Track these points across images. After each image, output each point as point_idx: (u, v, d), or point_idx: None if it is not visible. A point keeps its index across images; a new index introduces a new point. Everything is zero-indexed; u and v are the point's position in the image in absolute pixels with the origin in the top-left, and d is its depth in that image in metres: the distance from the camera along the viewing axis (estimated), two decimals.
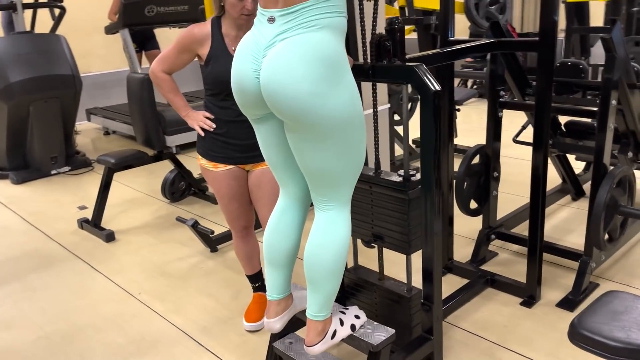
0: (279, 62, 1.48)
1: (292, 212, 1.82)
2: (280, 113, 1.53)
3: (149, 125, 3.63)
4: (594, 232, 2.39)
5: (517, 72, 2.77)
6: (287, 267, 1.85)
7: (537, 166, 2.38)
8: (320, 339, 1.75)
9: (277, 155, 1.73)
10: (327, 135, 1.53)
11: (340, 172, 1.62)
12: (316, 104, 1.47)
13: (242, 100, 1.65)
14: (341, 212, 1.69)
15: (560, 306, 2.48)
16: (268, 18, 1.54)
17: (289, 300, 1.89)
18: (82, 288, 2.96)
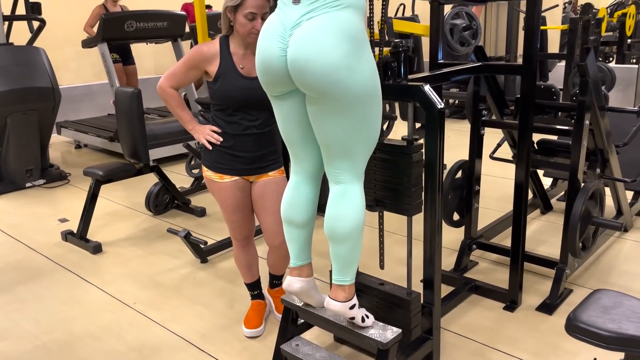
0: (307, 38, 1.61)
1: (306, 187, 1.95)
2: (306, 86, 1.65)
3: (136, 138, 3.67)
4: (571, 241, 2.60)
5: (496, 93, 2.98)
6: (305, 235, 1.99)
7: (520, 180, 2.58)
8: (342, 300, 1.87)
9: (296, 131, 1.85)
10: (348, 107, 1.66)
11: (356, 144, 1.75)
12: (342, 77, 1.61)
13: (266, 78, 1.77)
14: (355, 185, 1.82)
15: (540, 310, 2.67)
16: (292, 0, 1.67)
17: (309, 269, 2.02)
18: (74, 299, 2.96)
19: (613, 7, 9.51)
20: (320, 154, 1.88)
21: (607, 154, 2.95)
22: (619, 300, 1.66)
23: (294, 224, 1.98)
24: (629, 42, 7.65)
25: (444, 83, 2.67)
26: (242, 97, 2.25)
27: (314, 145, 1.87)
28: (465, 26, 4.39)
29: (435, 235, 2.03)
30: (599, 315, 1.59)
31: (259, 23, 2.18)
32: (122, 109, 3.68)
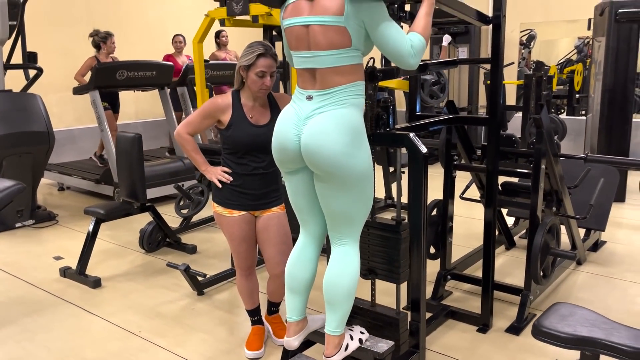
0: (318, 129, 1.98)
1: (311, 248, 2.27)
2: (316, 167, 2.01)
3: (135, 179, 3.94)
4: (533, 270, 2.98)
5: (465, 141, 3.42)
6: (305, 294, 2.28)
7: (489, 219, 2.97)
8: (337, 351, 2.16)
9: (304, 200, 2.19)
10: (349, 185, 2.02)
11: (355, 214, 2.10)
12: (345, 161, 1.97)
13: (281, 157, 2.12)
14: (353, 247, 2.16)
15: (508, 331, 3.02)
16: (306, 97, 2.05)
17: (305, 322, 2.29)
18: (81, 329, 3.15)
19: (563, 64, 10.38)
20: (323, 220, 2.23)
21: (561, 194, 3.39)
22: (573, 310, 2.03)
23: (297, 280, 2.28)
24: (577, 97, 8.42)
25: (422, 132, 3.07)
26: (251, 142, 2.59)
27: (319, 213, 2.22)
28: (434, 81, 4.91)
29: (421, 265, 2.37)
30: (558, 322, 1.95)
31: (267, 80, 2.55)
32: (123, 152, 3.96)
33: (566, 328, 1.91)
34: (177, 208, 4.80)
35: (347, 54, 2.00)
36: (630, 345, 1.79)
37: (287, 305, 2.29)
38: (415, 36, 2.02)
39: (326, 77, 2.01)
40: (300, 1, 2.05)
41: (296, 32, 2.06)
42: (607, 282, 3.66)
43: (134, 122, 8.29)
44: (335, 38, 1.98)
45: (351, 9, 1.96)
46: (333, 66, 1.99)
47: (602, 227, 4.00)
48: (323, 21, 1.98)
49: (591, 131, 5.83)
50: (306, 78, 2.07)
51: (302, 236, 2.29)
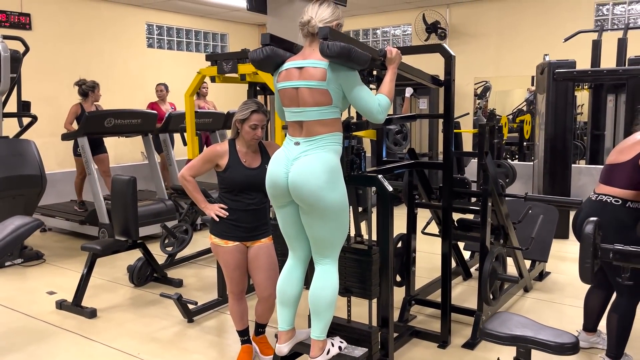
0: (303, 169, 2.47)
1: (298, 269, 2.72)
2: (301, 200, 2.49)
3: (129, 218, 4.32)
4: (483, 292, 3.49)
5: (425, 182, 3.96)
6: (294, 307, 2.72)
7: (445, 250, 3.49)
8: (320, 353, 2.59)
9: (292, 229, 2.66)
10: (328, 215, 2.51)
11: (334, 239, 2.58)
12: (325, 195, 2.46)
13: (273, 192, 2.59)
14: (333, 266, 2.63)
15: (464, 347, 3.49)
16: (294, 142, 2.55)
17: (293, 332, 2.72)
18: (84, 353, 3.47)
19: (515, 113, 11.28)
20: (308, 246, 2.70)
21: (507, 229, 3.95)
22: (510, 317, 2.52)
23: (287, 295, 2.74)
24: (525, 144, 9.22)
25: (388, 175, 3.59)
26: (244, 182, 3.06)
27: (305, 239, 2.70)
28: (397, 130, 5.52)
29: (389, 284, 2.84)
30: (498, 325, 2.44)
31: (259, 131, 3.05)
32: (118, 193, 4.35)
33: (504, 329, 2.39)
34: (162, 246, 5.17)
35: (328, 110, 2.52)
36: (553, 340, 2.29)
37: (279, 317, 2.72)
38: (383, 97, 2.56)
39: (311, 128, 2.52)
40: (291, 69, 2.57)
41: (288, 93, 2.58)
42: (549, 306, 4.19)
43: (113, 166, 8.58)
44: (319, 98, 2.50)
45: (332, 76, 2.49)
46: (317, 119, 2.50)
47: (545, 259, 4.57)
48: (310, 85, 2.51)
49: (537, 175, 6.52)
50: (295, 128, 2.58)
51: (291, 259, 2.74)
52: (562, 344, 2.27)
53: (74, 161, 6.73)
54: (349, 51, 2.38)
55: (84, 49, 8.19)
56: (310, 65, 2.51)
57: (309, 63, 2.52)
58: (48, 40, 7.70)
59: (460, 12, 9.08)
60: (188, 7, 9.13)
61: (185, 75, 8.93)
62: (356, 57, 2.42)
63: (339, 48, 2.37)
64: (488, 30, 8.91)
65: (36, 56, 7.66)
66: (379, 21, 9.98)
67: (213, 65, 4.16)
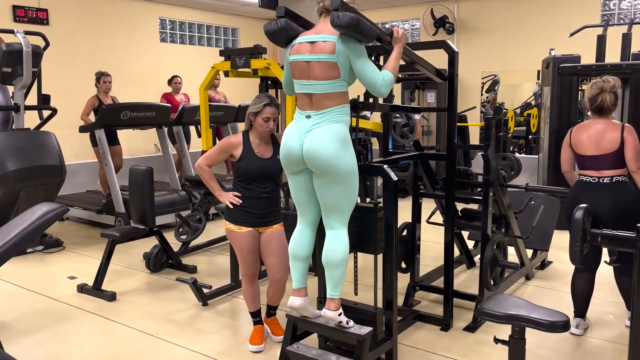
0: (316, 139, 2.67)
1: (308, 232, 2.94)
2: (315, 167, 2.69)
3: (146, 207, 4.53)
4: (484, 278, 3.65)
5: (429, 173, 4.12)
6: (304, 266, 2.96)
7: (448, 239, 3.65)
8: (334, 309, 2.80)
9: (304, 194, 2.87)
10: (341, 180, 2.70)
11: (345, 204, 2.78)
12: (337, 163, 2.66)
13: (288, 161, 2.80)
14: (343, 229, 2.82)
15: (466, 330, 3.66)
16: (305, 116, 2.74)
17: (305, 291, 2.94)
18: (106, 332, 3.68)
19: (523, 107, 11.37)
20: (318, 210, 2.88)
21: (508, 218, 4.11)
22: (506, 298, 2.69)
23: (298, 257, 2.94)
24: (530, 137, 9.32)
25: (393, 165, 3.75)
26: (257, 171, 3.24)
27: (315, 204, 2.88)
28: (404, 123, 5.66)
29: (393, 269, 3.02)
30: (494, 305, 2.61)
31: (271, 123, 3.23)
32: (136, 182, 4.56)
33: (500, 309, 2.56)
34: (176, 234, 5.37)
35: (337, 84, 2.70)
36: (545, 319, 2.45)
37: (292, 275, 2.95)
38: (387, 73, 2.74)
39: (320, 101, 2.71)
40: (303, 43, 2.75)
41: (300, 66, 2.76)
42: (549, 293, 4.35)
43: (126, 157, 8.84)
44: (329, 71, 2.68)
45: (340, 48, 2.66)
46: (326, 92, 2.69)
47: (546, 248, 4.72)
48: (320, 58, 2.69)
49: (542, 168, 6.65)
50: (305, 101, 2.76)
51: (300, 223, 2.96)
52: (554, 322, 2.43)
53: (88, 153, 6.95)
54: (357, 22, 2.56)
55: (99, 43, 8.39)
56: (321, 40, 2.69)
57: (320, 37, 2.70)
58: (65, 35, 7.90)
59: (468, 6, 9.18)
60: (200, 2, 9.31)
61: (197, 68, 9.16)
62: (364, 29, 2.59)
63: (349, 18, 2.54)
64: (495, 24, 9.01)
65: (53, 50, 7.87)
66: (387, 15, 10.11)
67: (226, 60, 4.34)
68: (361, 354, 2.80)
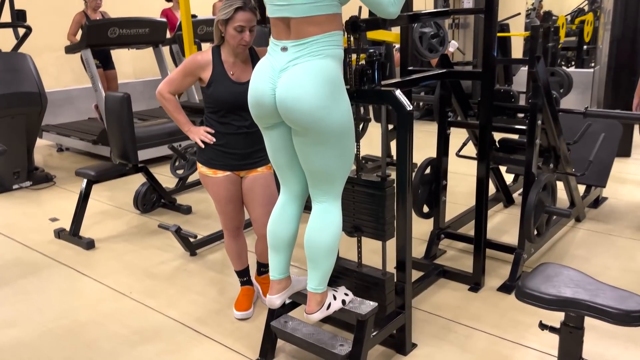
0: (293, 82, 1.88)
1: (292, 206, 2.21)
2: (292, 122, 1.93)
3: (126, 140, 3.88)
4: (526, 228, 2.92)
5: (461, 96, 3.30)
6: (287, 252, 2.24)
7: (481, 175, 2.89)
8: (318, 308, 2.14)
9: (283, 157, 2.12)
10: (328, 140, 1.94)
11: (335, 170, 2.03)
12: (322, 115, 1.89)
13: (258, 112, 2.04)
14: (334, 203, 2.10)
15: (500, 290, 2.99)
16: (281, 48, 1.94)
17: (288, 281, 2.26)
18: (74, 290, 3.17)
19: (574, 14, 10.03)
20: (304, 177, 2.15)
21: (559, 150, 3.30)
22: (559, 270, 1.98)
23: (279, 238, 2.22)
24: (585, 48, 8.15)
25: (414, 87, 2.96)
26: (233, 100, 2.51)
27: (300, 169, 2.13)
28: (433, 34, 4.72)
29: (406, 224, 2.32)
30: (542, 282, 1.90)
31: (247, 35, 2.44)
32: (112, 112, 3.89)
33: (550, 289, 1.86)
34: (172, 168, 4.76)
35: (323, 3, 1.88)
36: (615, 306, 1.74)
37: (270, 263, 2.25)
38: None
39: (301, 27, 1.90)
40: None
41: None
42: (605, 239, 3.60)
43: (132, 81, 8.18)
44: None
45: None
46: (308, 15, 1.88)
47: (603, 184, 3.91)
48: None
49: (598, 85, 5.66)
50: (280, 28, 1.96)
51: (283, 194, 2.23)
52: (628, 312, 1.72)
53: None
54: None
55: None
56: None
57: None
58: None
59: None
60: None
61: None
62: None
63: None
64: None
65: None
66: None
67: None
68: (362, 338, 2.17)
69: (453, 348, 2.50)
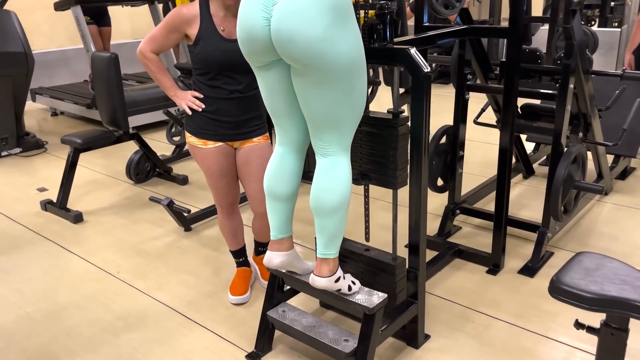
0: (291, 8, 1.55)
1: (291, 158, 1.92)
2: (291, 58, 1.61)
3: (116, 105, 3.58)
4: (553, 205, 2.62)
5: (482, 57, 2.96)
6: (288, 208, 1.96)
7: (505, 145, 2.58)
8: (328, 275, 1.87)
9: (280, 102, 1.81)
10: (334, 79, 1.63)
11: (343, 116, 1.72)
12: (327, 48, 1.57)
13: (249, 48, 1.71)
14: (342, 157, 1.80)
15: (522, 273, 2.72)
16: None
17: (289, 242, 1.99)
18: (57, 269, 2.93)
19: None
20: (306, 125, 1.85)
21: (590, 118, 2.97)
22: (601, 262, 1.69)
23: (277, 195, 1.94)
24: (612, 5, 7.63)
25: (429, 47, 2.63)
26: (224, 59, 2.19)
27: (300, 116, 1.83)
28: None
29: (420, 201, 2.03)
30: (581, 277, 1.61)
31: None
32: (99, 74, 3.58)
33: (591, 286, 1.57)
34: (168, 135, 4.47)
35: None
36: None
37: (270, 222, 1.98)
38: None
39: None
40: None
41: None
42: (635, 213, 3.30)
43: (130, 41, 7.79)
44: None
45: None
46: None
47: (634, 154, 3.59)
48: None
49: (626, 44, 5.24)
50: None
51: (280, 145, 1.93)
52: None
53: None
54: None
55: None
56: None
57: None
58: None
59: None
60: None
61: None
62: None
63: None
64: None
65: None
66: None
67: None
68: (370, 333, 1.91)
69: (470, 340, 2.24)
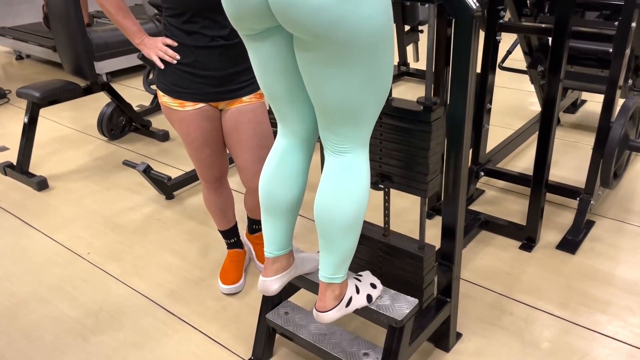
0: None
1: (296, 156, 1.46)
2: (295, 26, 1.13)
3: (78, 50, 3.04)
4: (605, 170, 2.21)
5: None
6: (289, 219, 1.52)
7: (552, 96, 2.11)
8: (335, 305, 1.46)
9: (280, 83, 1.34)
10: (354, 55, 1.15)
11: (363, 105, 1.26)
12: (346, 13, 1.08)
13: (236, 12, 1.22)
14: (359, 156, 1.35)
15: (561, 248, 2.33)
16: None
17: (289, 259, 1.57)
18: (16, 249, 2.50)
19: None
20: (313, 114, 1.39)
21: None
22: None
23: (277, 202, 1.48)
24: None
25: None
26: None
27: (306, 101, 1.36)
28: None
29: (460, 177, 1.59)
30: None
31: None
32: (57, 14, 3.01)
33: None
34: (145, 83, 3.95)
35: None
36: None
37: (265, 234, 1.55)
38: None
39: None
40: None
41: None
42: None
43: None
44: None
45: None
46: None
47: None
48: None
49: None
50: None
51: (282, 138, 1.48)
52: None
53: None
54: None
55: None
56: None
57: None
58: None
59: None
60: None
61: None
62: None
63: None
64: None
65: None
66: None
67: None
68: (397, 348, 1.52)
69: (509, 339, 1.87)
